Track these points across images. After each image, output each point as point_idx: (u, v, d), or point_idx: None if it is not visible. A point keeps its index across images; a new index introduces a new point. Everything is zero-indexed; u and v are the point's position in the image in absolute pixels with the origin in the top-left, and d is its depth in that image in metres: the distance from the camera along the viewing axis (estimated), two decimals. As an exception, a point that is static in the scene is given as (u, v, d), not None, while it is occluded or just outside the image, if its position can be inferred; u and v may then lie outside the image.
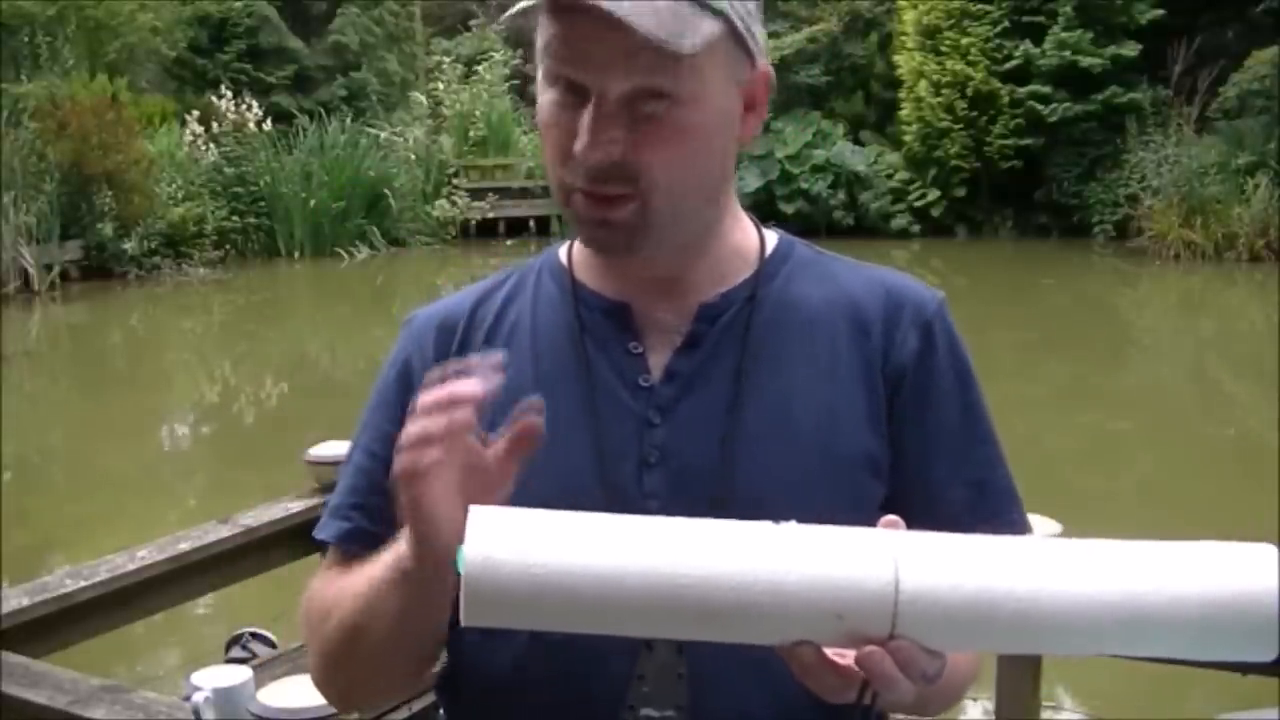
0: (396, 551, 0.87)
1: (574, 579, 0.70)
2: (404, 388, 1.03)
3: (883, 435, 0.97)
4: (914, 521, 0.94)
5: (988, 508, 1.00)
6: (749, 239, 1.04)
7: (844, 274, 1.04)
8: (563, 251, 1.07)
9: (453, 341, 1.03)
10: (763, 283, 1.01)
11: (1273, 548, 0.71)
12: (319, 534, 1.05)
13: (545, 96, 0.93)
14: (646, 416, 0.96)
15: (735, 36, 0.91)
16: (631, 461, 0.95)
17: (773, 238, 1.06)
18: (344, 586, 0.96)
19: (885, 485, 0.97)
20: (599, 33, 0.85)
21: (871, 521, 0.94)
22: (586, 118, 0.88)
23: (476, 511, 0.72)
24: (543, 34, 0.91)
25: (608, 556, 0.70)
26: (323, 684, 1.03)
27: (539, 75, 0.95)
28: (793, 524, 0.72)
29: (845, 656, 0.74)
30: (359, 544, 0.99)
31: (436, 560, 0.83)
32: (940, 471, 0.99)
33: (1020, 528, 1.01)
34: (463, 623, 0.72)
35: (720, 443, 0.94)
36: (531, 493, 0.92)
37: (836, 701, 0.77)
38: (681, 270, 0.99)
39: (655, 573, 0.70)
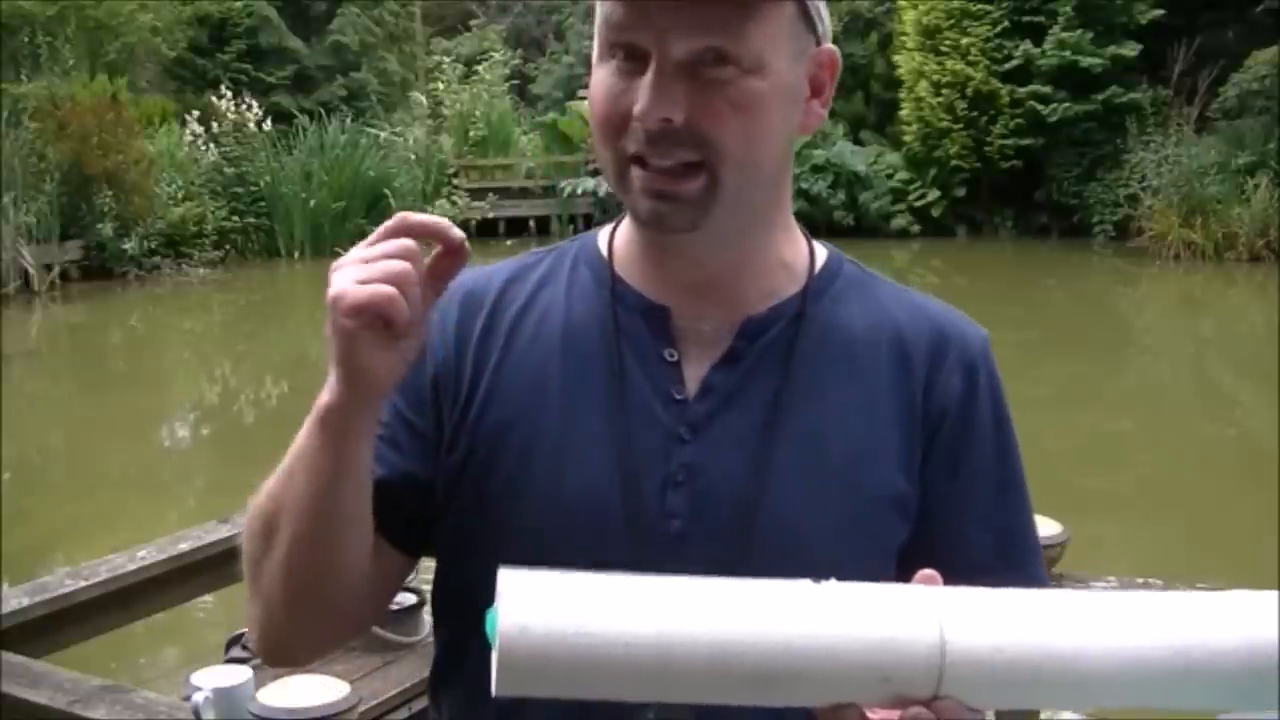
0: (315, 403, 0.85)
1: (611, 647, 0.67)
2: (419, 357, 0.97)
3: (914, 476, 0.94)
4: (934, 563, 0.92)
5: (1011, 558, 0.97)
6: (799, 252, 0.99)
7: (891, 300, 1.00)
8: (602, 240, 1.01)
9: (478, 316, 0.98)
10: (809, 301, 0.96)
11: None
12: None
13: (600, 71, 0.89)
14: (677, 432, 0.92)
15: (802, 9, 0.88)
16: (656, 478, 0.91)
17: (822, 252, 1.01)
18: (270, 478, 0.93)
19: (910, 525, 0.94)
20: None
21: (891, 559, 0.93)
22: (648, 78, 0.84)
23: (507, 575, 0.69)
24: (602, 5, 0.88)
25: (647, 622, 0.68)
26: (253, 624, 0.95)
27: (594, 55, 0.91)
28: (833, 582, 0.71)
29: (881, 712, 0.73)
30: None
31: (352, 386, 0.82)
32: (968, 517, 0.96)
33: (1039, 581, 0.99)
34: (494, 693, 0.69)
35: (749, 467, 0.91)
36: (553, 501, 0.91)
37: None
38: (728, 273, 0.94)
39: (698, 639, 0.68)
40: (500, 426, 0.94)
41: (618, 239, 0.99)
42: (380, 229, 0.81)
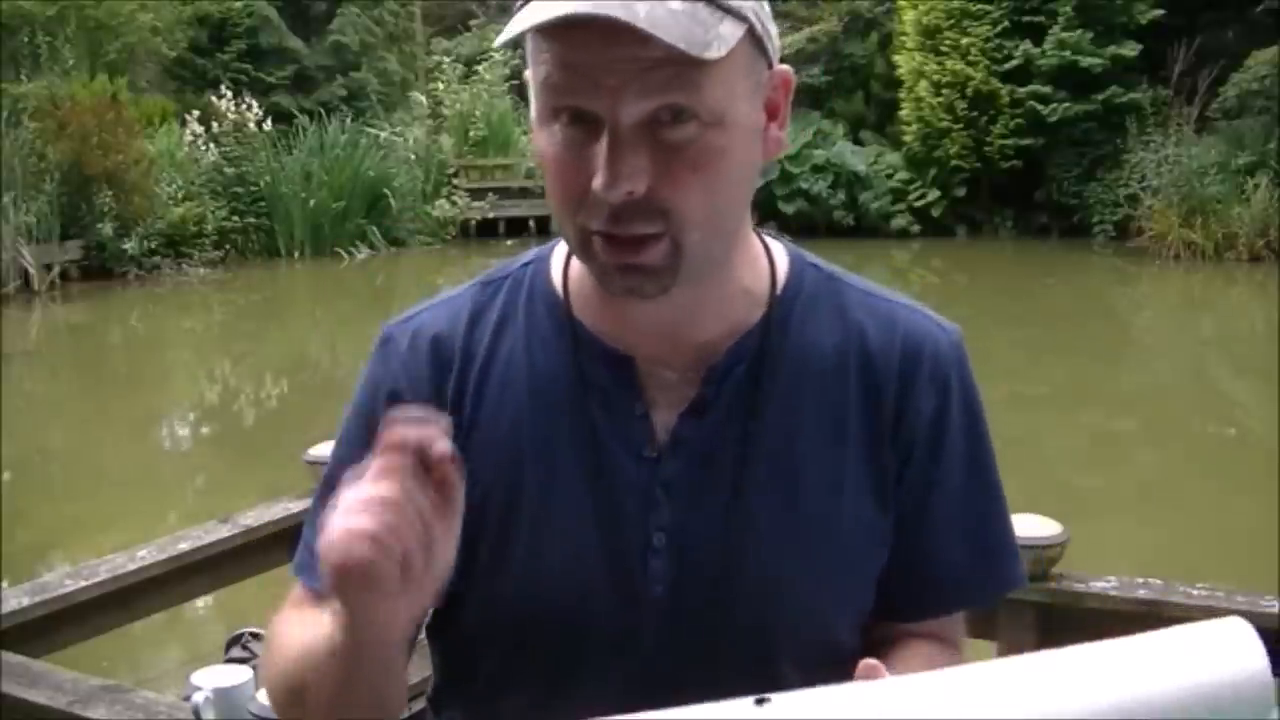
0: (330, 625, 0.79)
1: None
2: None
3: (889, 502, 0.93)
4: (910, 578, 0.95)
5: (987, 566, 0.98)
6: (759, 274, 0.95)
7: (857, 308, 0.96)
8: (555, 269, 0.96)
9: (450, 373, 0.93)
10: (774, 328, 0.93)
11: (1240, 621, 0.68)
12: (299, 575, 0.97)
13: (545, 134, 0.82)
14: (653, 494, 0.90)
15: (754, 38, 0.82)
16: (636, 542, 0.90)
17: (782, 263, 0.96)
18: (294, 638, 0.90)
19: (887, 549, 0.94)
20: (606, 49, 0.76)
21: (870, 587, 0.94)
22: (603, 150, 0.78)
23: None
24: (536, 65, 0.81)
25: None
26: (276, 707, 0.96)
27: (533, 112, 0.84)
28: (773, 699, 0.70)
29: None
30: None
31: (369, 643, 0.78)
32: (942, 533, 0.95)
33: (1016, 581, 1.00)
34: None
35: (725, 523, 0.90)
36: (536, 572, 0.90)
37: None
38: (690, 312, 0.90)
39: None
40: (479, 496, 0.89)
41: (572, 274, 0.94)
42: (377, 456, 0.73)
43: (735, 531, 0.90)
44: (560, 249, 0.96)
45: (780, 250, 0.97)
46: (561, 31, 0.77)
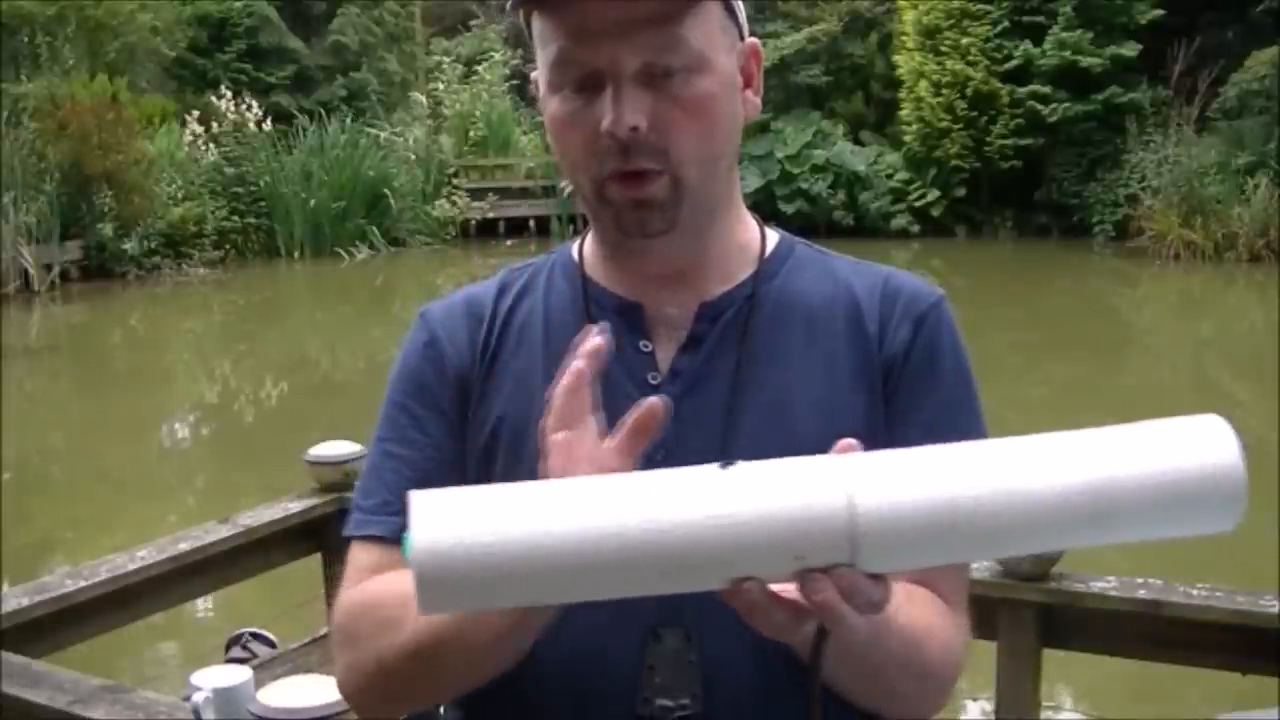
0: None
1: (520, 552, 0.67)
2: (437, 368, 1.03)
3: (879, 431, 0.97)
4: None
5: None
6: (752, 237, 1.06)
7: (844, 271, 1.06)
8: (575, 249, 1.08)
9: (480, 328, 1.04)
10: (762, 280, 1.03)
11: (1219, 419, 0.73)
12: (368, 530, 1.00)
13: (555, 101, 0.95)
14: None
15: (726, 7, 0.95)
16: (638, 460, 0.94)
17: (774, 236, 1.07)
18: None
19: None
20: (601, 16, 0.89)
21: None
22: (608, 94, 0.90)
23: (416, 497, 0.69)
24: (545, 46, 0.94)
25: (553, 523, 0.68)
26: (364, 694, 0.97)
27: (541, 90, 0.97)
28: (739, 465, 0.70)
29: (793, 591, 0.72)
30: None
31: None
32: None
33: None
34: (419, 613, 0.70)
35: (720, 439, 0.96)
36: None
37: (790, 639, 0.76)
38: (692, 264, 1.01)
39: (604, 533, 0.67)
40: (494, 426, 1.00)
41: (587, 247, 1.07)
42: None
43: (728, 450, 0.91)
44: (578, 239, 1.08)
45: (772, 229, 1.09)
46: (562, 7, 0.90)
